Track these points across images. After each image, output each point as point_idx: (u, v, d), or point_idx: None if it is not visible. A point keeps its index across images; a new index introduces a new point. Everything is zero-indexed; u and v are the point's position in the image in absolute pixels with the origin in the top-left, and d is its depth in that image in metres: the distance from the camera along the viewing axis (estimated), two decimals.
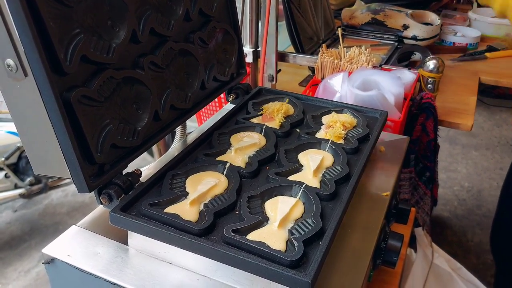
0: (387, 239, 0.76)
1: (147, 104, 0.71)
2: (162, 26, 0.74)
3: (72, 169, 0.59)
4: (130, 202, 0.64)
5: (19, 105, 0.59)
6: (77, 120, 0.59)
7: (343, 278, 0.63)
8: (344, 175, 0.72)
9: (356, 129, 0.87)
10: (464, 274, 1.37)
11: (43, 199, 2.72)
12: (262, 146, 0.81)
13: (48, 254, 0.64)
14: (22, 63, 0.54)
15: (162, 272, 0.63)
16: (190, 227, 0.60)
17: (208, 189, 0.68)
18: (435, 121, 1.21)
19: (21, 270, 2.21)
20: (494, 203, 2.54)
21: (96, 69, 0.62)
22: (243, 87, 0.99)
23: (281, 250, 0.57)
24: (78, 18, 0.59)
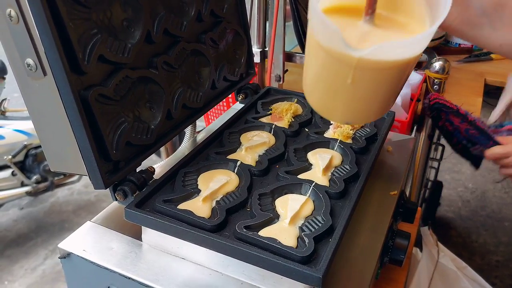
0: (394, 237, 0.77)
1: (160, 103, 0.73)
2: (175, 26, 0.75)
3: (89, 165, 0.61)
4: (144, 198, 0.66)
5: (37, 103, 0.60)
6: (94, 118, 0.60)
7: (351, 275, 0.65)
8: (353, 174, 0.74)
9: (364, 129, 0.88)
10: (470, 273, 1.38)
11: (49, 197, 2.74)
12: (272, 145, 0.82)
13: (64, 249, 0.66)
14: (42, 63, 0.56)
15: (175, 266, 0.64)
16: (203, 223, 0.61)
17: (220, 187, 0.69)
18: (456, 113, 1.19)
19: (27, 268, 2.23)
20: (498, 204, 2.55)
21: (112, 68, 0.64)
22: (252, 87, 1.00)
23: (292, 246, 0.59)
24: (96, 19, 0.60)
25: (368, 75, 0.57)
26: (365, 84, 0.59)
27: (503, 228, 2.36)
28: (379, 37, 0.59)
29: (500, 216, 2.45)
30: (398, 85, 0.63)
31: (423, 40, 0.54)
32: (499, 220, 2.42)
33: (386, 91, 0.62)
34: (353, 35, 0.58)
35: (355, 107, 0.64)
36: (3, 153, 2.29)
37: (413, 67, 0.61)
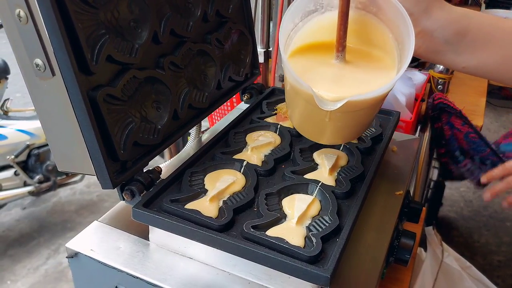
0: (399, 237, 0.77)
1: (167, 103, 0.73)
2: (182, 27, 0.76)
3: (97, 165, 0.61)
4: (151, 198, 0.66)
5: (45, 103, 0.61)
6: (102, 118, 0.60)
7: (358, 275, 0.65)
8: (359, 173, 0.74)
9: (369, 129, 0.88)
10: (474, 273, 1.38)
11: (52, 197, 2.75)
12: (278, 145, 0.83)
13: (72, 249, 0.66)
14: (50, 63, 0.56)
15: (183, 266, 0.64)
16: (211, 222, 0.61)
17: (227, 186, 0.69)
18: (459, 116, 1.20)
19: (30, 267, 2.24)
20: (500, 204, 2.55)
21: (120, 69, 0.64)
22: (257, 87, 1.01)
23: (299, 246, 0.59)
24: (104, 19, 0.61)
25: (343, 116, 0.63)
26: (343, 121, 0.65)
27: (505, 228, 2.36)
28: (350, 81, 0.64)
29: (502, 216, 2.45)
30: (373, 113, 0.68)
31: (390, 86, 0.58)
32: (501, 220, 2.42)
33: (364, 120, 0.68)
34: (326, 80, 0.64)
35: (337, 134, 0.71)
36: (5, 153, 2.30)
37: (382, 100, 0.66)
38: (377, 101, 0.62)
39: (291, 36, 0.67)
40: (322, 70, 0.65)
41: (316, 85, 0.60)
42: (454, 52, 0.64)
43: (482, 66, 0.65)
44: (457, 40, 0.63)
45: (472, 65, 0.65)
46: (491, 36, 0.64)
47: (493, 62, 0.65)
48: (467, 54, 0.64)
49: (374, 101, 0.61)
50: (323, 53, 0.66)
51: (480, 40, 0.64)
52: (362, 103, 0.59)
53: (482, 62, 0.65)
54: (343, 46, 0.63)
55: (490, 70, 0.66)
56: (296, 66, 0.65)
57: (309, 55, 0.67)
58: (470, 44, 0.64)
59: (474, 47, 0.64)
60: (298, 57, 0.66)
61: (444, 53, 0.65)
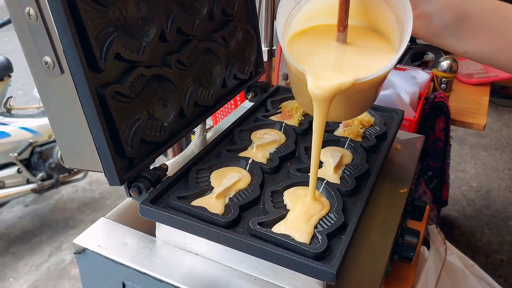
0: (404, 235, 0.78)
1: (173, 101, 0.74)
2: (188, 25, 0.76)
3: (105, 162, 0.62)
4: (158, 195, 0.66)
5: (54, 100, 0.61)
6: (110, 116, 0.61)
7: (363, 272, 0.65)
8: (364, 171, 0.74)
9: (373, 127, 0.89)
10: (477, 271, 1.39)
11: (54, 194, 2.75)
12: (283, 143, 0.83)
13: (79, 245, 0.67)
14: (59, 61, 0.56)
15: (189, 262, 0.65)
16: (217, 219, 0.62)
17: (233, 184, 0.70)
18: (446, 121, 1.23)
19: (32, 265, 2.24)
20: (503, 203, 2.55)
21: (128, 66, 0.64)
22: (261, 85, 1.01)
23: (305, 242, 0.59)
24: (112, 17, 0.61)
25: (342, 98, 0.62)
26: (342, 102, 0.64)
27: (507, 227, 2.37)
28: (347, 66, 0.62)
29: (505, 215, 2.45)
30: (373, 93, 0.67)
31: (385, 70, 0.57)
32: (503, 219, 2.42)
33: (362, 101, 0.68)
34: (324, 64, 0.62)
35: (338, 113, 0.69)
36: (9, 151, 2.31)
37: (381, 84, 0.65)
38: (373, 85, 0.61)
39: (292, 14, 0.66)
40: (322, 52, 0.64)
41: (313, 69, 0.59)
42: (454, 36, 0.64)
43: (482, 52, 0.65)
44: (456, 25, 0.63)
45: (472, 50, 0.65)
46: (490, 22, 0.63)
47: (492, 48, 0.64)
48: (467, 39, 0.64)
49: (369, 85, 0.60)
50: (325, 34, 0.65)
51: (479, 26, 0.63)
52: (356, 88, 0.58)
53: (481, 48, 0.65)
54: (345, 26, 0.62)
55: (489, 56, 0.65)
56: (297, 47, 0.64)
57: (311, 37, 0.66)
58: (469, 29, 0.63)
59: (473, 32, 0.63)
60: (300, 38, 0.66)
61: (444, 37, 0.65)
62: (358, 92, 0.62)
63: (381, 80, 0.62)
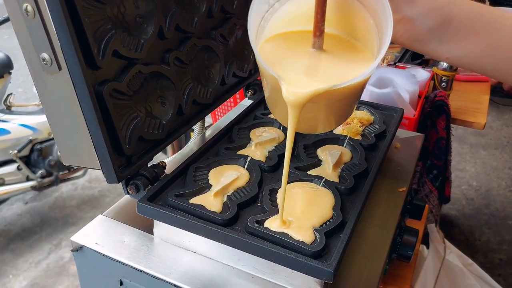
0: (402, 233, 0.78)
1: (171, 99, 0.73)
2: (187, 22, 0.76)
3: (103, 160, 0.62)
4: (156, 193, 0.66)
5: (51, 98, 0.61)
6: (108, 113, 0.61)
7: (361, 270, 0.65)
8: (363, 170, 0.74)
9: (373, 126, 0.89)
10: (476, 270, 1.39)
11: (53, 192, 2.75)
12: (281, 141, 0.83)
13: (77, 242, 0.67)
14: (57, 57, 0.56)
15: (187, 260, 0.65)
16: (215, 217, 0.62)
17: (231, 182, 0.70)
18: (447, 120, 1.23)
19: (32, 262, 2.24)
20: (502, 202, 2.55)
21: (126, 64, 0.64)
22: (260, 83, 1.01)
23: (303, 241, 0.59)
24: (110, 14, 0.61)
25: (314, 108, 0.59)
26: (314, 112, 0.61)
27: (506, 227, 2.37)
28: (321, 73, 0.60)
29: (504, 215, 2.45)
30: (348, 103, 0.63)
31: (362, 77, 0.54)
32: (503, 219, 2.42)
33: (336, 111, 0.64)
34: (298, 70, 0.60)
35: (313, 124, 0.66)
36: (8, 148, 2.30)
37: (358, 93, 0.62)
38: (349, 93, 0.57)
39: (266, 17, 0.63)
40: (297, 58, 0.61)
41: (288, 75, 0.56)
42: (438, 41, 0.62)
43: (466, 56, 0.63)
44: (441, 29, 0.61)
45: (456, 55, 0.62)
46: (476, 25, 0.61)
47: (477, 51, 0.62)
48: (451, 44, 0.62)
49: (344, 93, 0.56)
50: (301, 40, 0.62)
51: (465, 29, 0.61)
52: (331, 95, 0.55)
53: (466, 52, 0.62)
54: (321, 31, 0.59)
55: (474, 61, 0.63)
56: (271, 53, 0.61)
57: (286, 42, 0.63)
58: (454, 32, 0.61)
59: (458, 36, 0.61)
60: (275, 43, 0.63)
61: (427, 42, 0.62)
62: (335, 101, 0.59)
63: (358, 88, 0.59)
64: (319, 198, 0.67)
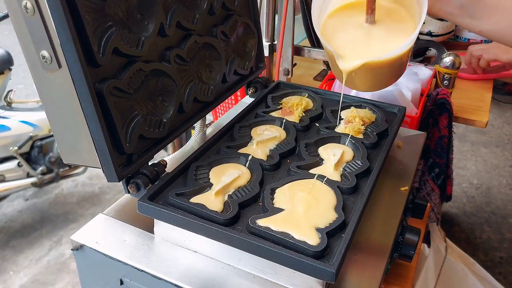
0: (404, 233, 0.77)
1: (172, 97, 0.73)
2: (188, 20, 0.75)
3: (103, 158, 0.61)
4: (157, 191, 0.66)
5: (51, 96, 0.60)
6: (108, 111, 0.60)
7: (363, 270, 0.65)
8: (365, 169, 0.74)
9: (375, 124, 0.88)
10: (478, 269, 1.38)
11: (54, 188, 2.75)
12: (283, 139, 0.82)
13: (77, 241, 0.66)
14: (57, 55, 0.56)
15: (187, 259, 0.64)
16: (216, 217, 0.61)
17: (232, 181, 0.69)
18: (449, 118, 1.22)
19: (32, 258, 2.24)
20: (503, 200, 2.54)
21: (126, 61, 0.64)
22: (262, 81, 1.00)
23: (305, 241, 0.59)
24: (111, 11, 0.60)
25: (365, 73, 0.74)
26: (366, 76, 0.76)
27: (507, 225, 2.36)
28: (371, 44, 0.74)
29: (505, 213, 2.45)
30: (395, 69, 0.76)
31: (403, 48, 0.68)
32: (503, 217, 2.42)
33: (385, 76, 0.78)
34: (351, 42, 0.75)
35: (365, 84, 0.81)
36: (9, 144, 2.30)
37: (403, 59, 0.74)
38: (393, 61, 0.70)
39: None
40: (351, 33, 0.75)
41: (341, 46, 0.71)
42: (470, 16, 0.72)
43: (496, 30, 0.72)
44: (471, 5, 0.71)
45: (487, 29, 0.72)
46: (501, 3, 0.70)
47: (504, 27, 0.71)
48: (482, 19, 0.71)
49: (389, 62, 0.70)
50: (358, 13, 0.75)
51: (492, 6, 0.70)
52: (377, 65, 0.69)
53: (496, 26, 0.71)
54: (372, 9, 0.72)
55: (504, 35, 0.72)
56: (330, 28, 0.75)
57: (345, 17, 0.77)
58: (483, 9, 0.70)
59: (486, 12, 0.71)
60: (336, 18, 0.77)
61: (461, 16, 0.73)
62: (380, 67, 0.72)
63: (400, 57, 0.70)
64: (321, 198, 0.67)
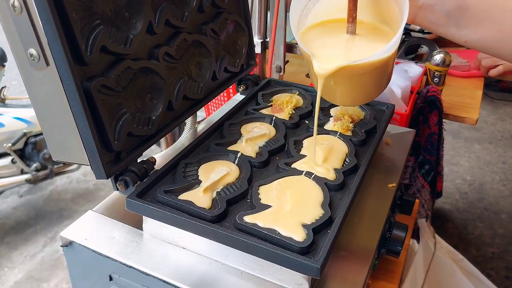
0: (392, 229, 0.78)
1: (161, 94, 0.73)
2: (177, 17, 0.75)
3: (91, 156, 0.62)
4: (145, 188, 0.66)
5: (39, 93, 0.61)
6: (96, 109, 0.61)
7: (349, 266, 0.66)
8: (352, 166, 0.74)
9: (363, 122, 0.89)
10: (466, 265, 1.40)
11: (48, 185, 2.75)
12: (272, 136, 0.83)
13: (66, 238, 0.67)
14: (45, 53, 0.56)
15: (176, 256, 0.65)
16: (204, 213, 0.62)
17: (220, 178, 0.70)
18: (439, 115, 1.23)
19: (27, 255, 2.25)
20: (495, 196, 2.56)
21: (114, 59, 0.64)
22: (252, 78, 1.01)
23: (292, 237, 0.59)
24: (98, 9, 0.60)
25: (344, 81, 0.71)
26: (346, 86, 0.73)
27: (499, 220, 2.38)
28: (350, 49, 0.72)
29: (497, 209, 2.46)
30: (376, 80, 0.73)
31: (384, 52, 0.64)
32: (496, 212, 2.43)
33: (366, 86, 0.74)
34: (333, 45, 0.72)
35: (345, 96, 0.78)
36: (2, 141, 2.29)
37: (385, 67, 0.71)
38: (374, 68, 0.68)
39: (308, 6, 0.75)
40: (331, 41, 0.73)
41: (319, 50, 0.68)
42: (456, 25, 0.67)
43: (483, 40, 0.68)
44: (457, 14, 0.66)
45: (473, 39, 0.68)
46: (491, 10, 0.66)
47: (492, 37, 0.67)
48: (468, 28, 0.67)
49: (369, 68, 0.67)
50: (339, 27, 0.73)
51: (479, 15, 0.66)
52: (356, 71, 0.66)
53: (482, 36, 0.67)
54: (353, 17, 0.69)
55: (490, 45, 0.68)
56: (310, 37, 0.73)
57: (327, 28, 0.75)
58: (470, 18, 0.66)
59: (473, 22, 0.66)
60: (317, 29, 0.75)
61: (446, 26, 0.68)
62: (360, 75, 0.69)
63: (379, 65, 0.67)
64: (308, 194, 0.67)
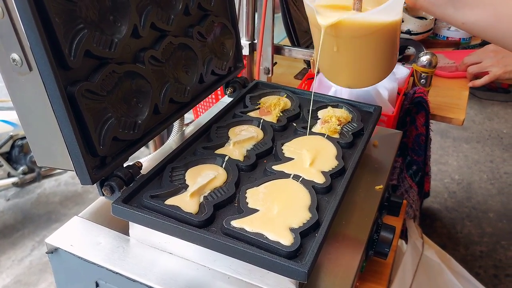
0: (379, 231, 0.78)
1: (147, 98, 0.73)
2: (162, 20, 0.75)
3: (76, 161, 0.61)
4: (131, 194, 0.66)
5: (23, 98, 0.60)
6: (81, 114, 0.60)
7: (337, 269, 0.66)
8: (340, 169, 0.75)
9: (351, 124, 0.89)
10: (454, 265, 1.41)
11: (36, 188, 2.72)
12: (260, 139, 0.83)
13: (51, 244, 0.66)
14: (27, 58, 0.55)
15: (163, 261, 0.64)
16: (191, 218, 0.62)
17: (208, 182, 0.69)
18: (426, 116, 1.24)
19: (15, 259, 2.22)
20: (483, 195, 2.59)
21: (99, 63, 0.63)
22: (240, 81, 1.00)
23: (279, 241, 0.59)
24: (82, 13, 0.60)
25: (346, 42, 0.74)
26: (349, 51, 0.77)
27: (487, 219, 2.40)
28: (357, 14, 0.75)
29: (485, 207, 2.49)
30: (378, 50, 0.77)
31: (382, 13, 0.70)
32: (484, 211, 2.46)
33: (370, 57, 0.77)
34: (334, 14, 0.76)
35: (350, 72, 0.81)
36: None
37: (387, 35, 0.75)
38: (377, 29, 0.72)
39: None
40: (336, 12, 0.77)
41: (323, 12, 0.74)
42: (453, 6, 0.71)
43: (479, 23, 0.70)
44: None
45: (470, 21, 0.71)
46: None
47: (486, 19, 0.69)
48: (465, 9, 0.70)
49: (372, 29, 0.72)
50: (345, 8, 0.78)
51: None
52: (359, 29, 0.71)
53: (478, 18, 0.70)
54: None
55: (485, 28, 0.71)
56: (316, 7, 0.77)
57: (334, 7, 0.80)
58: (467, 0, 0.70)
59: (470, 3, 0.70)
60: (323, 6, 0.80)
61: (444, 8, 0.71)
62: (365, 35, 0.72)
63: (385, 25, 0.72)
64: (295, 198, 0.67)
